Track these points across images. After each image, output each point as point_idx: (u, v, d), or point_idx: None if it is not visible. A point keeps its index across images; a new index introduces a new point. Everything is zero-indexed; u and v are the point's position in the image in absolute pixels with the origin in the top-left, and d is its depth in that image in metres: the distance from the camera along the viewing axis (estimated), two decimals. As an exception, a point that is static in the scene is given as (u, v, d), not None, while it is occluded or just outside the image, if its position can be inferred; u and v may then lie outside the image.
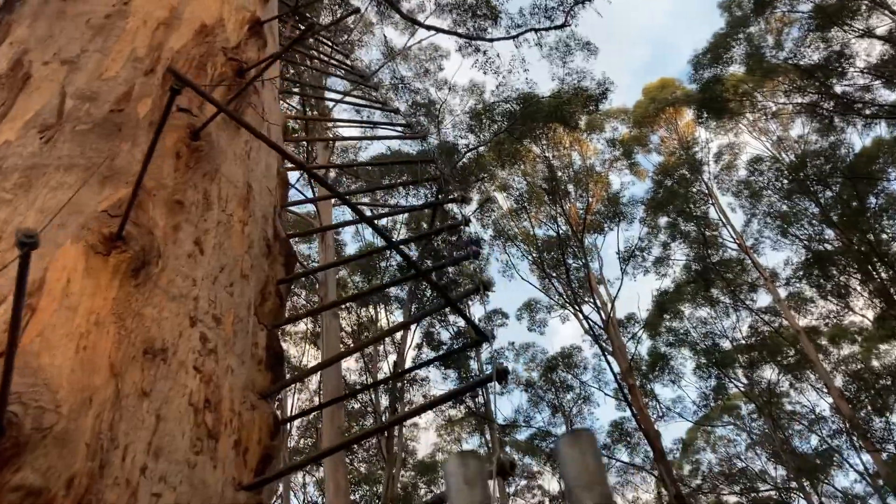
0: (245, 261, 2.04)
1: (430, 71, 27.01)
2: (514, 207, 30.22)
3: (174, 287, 1.72)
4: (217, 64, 2.47)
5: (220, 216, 2.03)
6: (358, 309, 27.78)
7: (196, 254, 1.86)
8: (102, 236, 1.64)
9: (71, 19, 2.40)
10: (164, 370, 1.55)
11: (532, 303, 33.53)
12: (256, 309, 2.05)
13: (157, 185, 1.90)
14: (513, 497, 35.11)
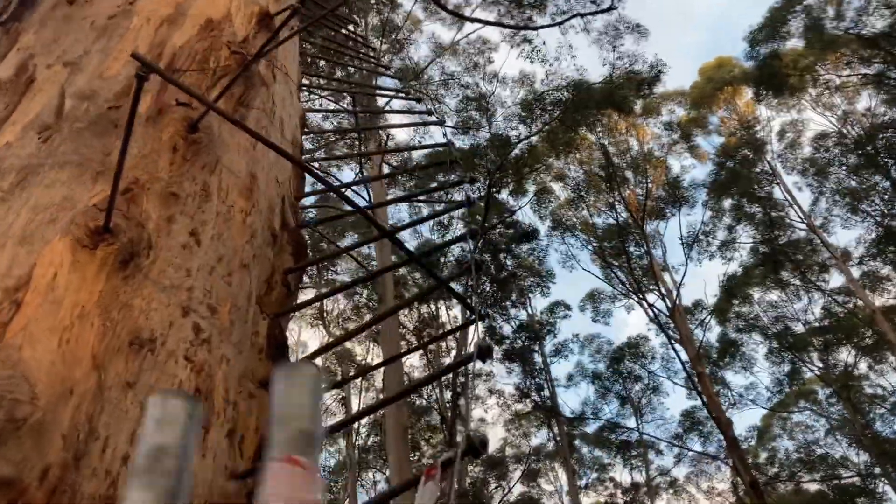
0: (246, 251, 2.02)
1: (479, 64, 26.90)
2: (571, 197, 29.90)
3: (166, 278, 1.72)
4: (220, 57, 2.47)
5: (219, 207, 2.01)
6: (419, 306, 27.88)
7: (192, 245, 1.85)
8: (89, 230, 1.64)
9: (76, 22, 2.42)
10: (150, 361, 1.54)
11: (595, 293, 33.15)
12: (261, 298, 2.03)
13: (152, 179, 1.90)
14: (584, 490, 34.81)
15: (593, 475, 34.39)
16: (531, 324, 30.91)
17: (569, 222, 29.58)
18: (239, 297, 1.90)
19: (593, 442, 31.44)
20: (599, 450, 32.80)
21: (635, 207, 27.39)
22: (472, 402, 27.79)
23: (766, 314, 28.58)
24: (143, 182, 1.87)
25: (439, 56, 26.08)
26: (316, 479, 0.85)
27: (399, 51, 27.47)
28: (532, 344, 29.68)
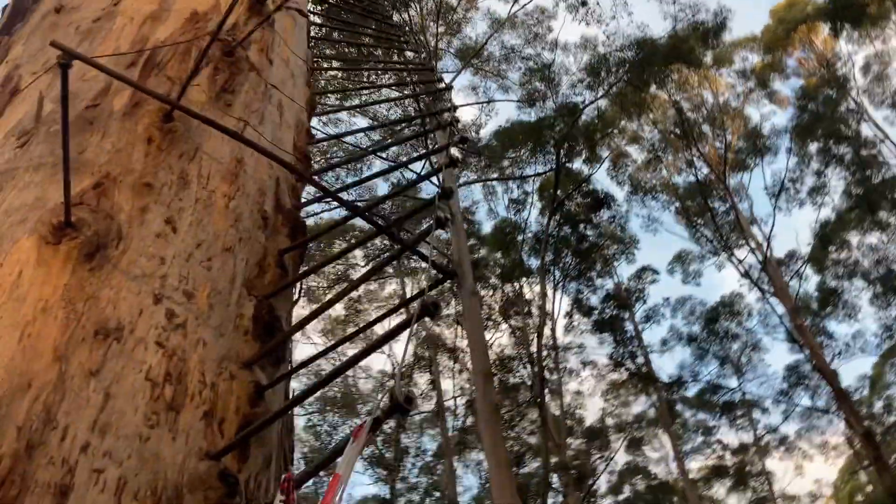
0: (230, 235, 2.01)
1: (540, 35, 26.47)
2: (648, 159, 29.16)
3: (136, 267, 1.72)
4: (202, 46, 2.47)
5: (199, 193, 2.01)
6: (503, 283, 27.78)
7: (167, 233, 1.85)
8: (52, 226, 1.66)
9: (62, 29, 2.46)
10: (116, 349, 1.55)
11: (682, 254, 32.32)
12: (252, 281, 2.03)
13: (125, 171, 1.91)
14: (690, 455, 34.16)
15: (699, 439, 33.66)
16: (619, 292, 30.41)
17: (648, 185, 28.88)
18: (220, 280, 1.89)
19: (695, 405, 30.75)
20: (702, 413, 32.07)
21: (716, 162, 26.51)
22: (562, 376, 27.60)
23: (866, 258, 27.25)
24: (114, 175, 1.88)
25: (497, 31, 25.77)
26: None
27: (457, 31, 27.32)
28: (621, 312, 29.21)
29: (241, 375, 1.76)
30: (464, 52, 26.52)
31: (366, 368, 32.71)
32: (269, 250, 2.18)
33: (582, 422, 33.91)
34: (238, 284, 1.95)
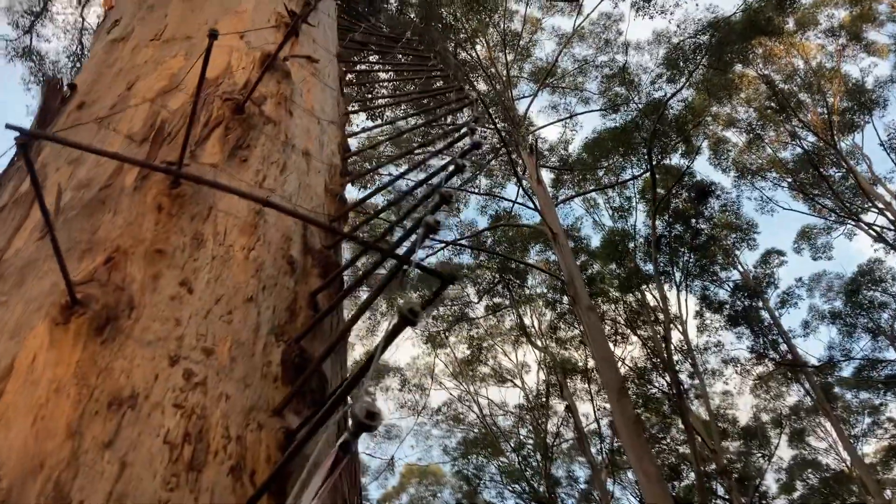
0: (251, 285, 1.99)
1: (610, 40, 26.12)
2: (748, 139, 28.01)
3: (150, 333, 1.71)
4: (213, 109, 2.50)
5: (215, 251, 2.00)
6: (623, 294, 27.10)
7: (182, 294, 1.84)
8: (61, 307, 1.67)
9: (84, 122, 2.55)
10: (130, 417, 1.52)
11: (806, 230, 30.74)
12: (282, 327, 1.99)
13: (136, 242, 1.92)
14: (862, 438, 32.03)
15: (867, 420, 31.48)
16: (747, 281, 29.12)
17: (754, 166, 27.70)
18: (242, 332, 1.86)
19: (854, 385, 28.82)
20: (864, 392, 30.01)
21: (821, 128, 25.17)
22: (704, 378, 26.51)
23: None
24: (125, 248, 1.89)
25: (566, 46, 25.60)
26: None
27: (527, 56, 27.30)
28: (754, 301, 27.89)
29: (270, 423, 1.71)
30: (537, 73, 26.45)
31: (502, 405, 32.50)
32: (300, 294, 2.14)
33: (736, 422, 32.36)
34: (264, 332, 1.91)
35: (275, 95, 2.83)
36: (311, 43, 3.54)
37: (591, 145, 25.12)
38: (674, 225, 25.69)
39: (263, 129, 2.58)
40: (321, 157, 2.89)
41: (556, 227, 19.86)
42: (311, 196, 2.60)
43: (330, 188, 2.80)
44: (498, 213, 25.93)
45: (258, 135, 2.53)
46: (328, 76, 3.56)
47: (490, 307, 27.83)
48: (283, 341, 1.95)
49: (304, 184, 2.61)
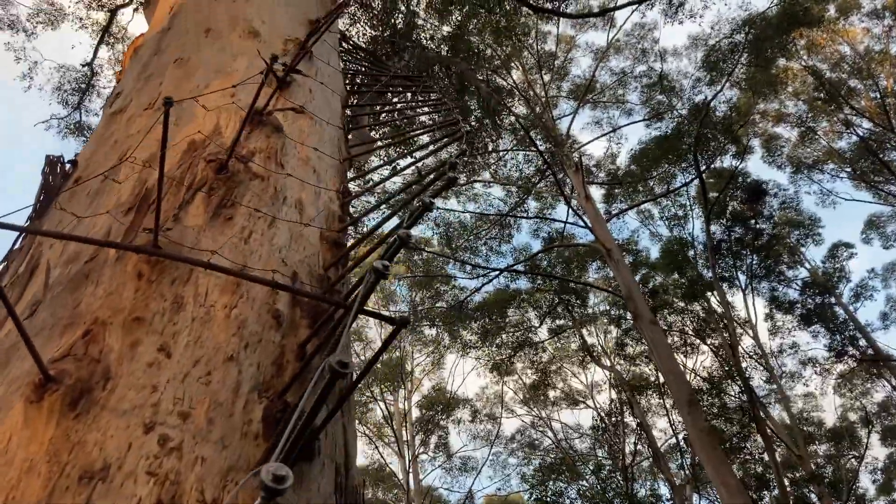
0: (231, 344, 2.00)
1: (646, 49, 25.89)
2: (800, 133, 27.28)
3: (125, 402, 1.73)
4: (197, 171, 2.54)
5: (195, 312, 2.02)
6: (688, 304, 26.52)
7: (160, 360, 1.85)
8: (34, 385, 1.70)
9: (78, 197, 2.63)
10: (101, 489, 1.53)
11: (873, 219, 29.71)
12: (268, 382, 1.99)
13: (115, 312, 1.95)
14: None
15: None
16: (816, 278, 28.19)
17: (809, 159, 26.95)
18: (221, 393, 1.86)
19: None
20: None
21: (875, 113, 24.36)
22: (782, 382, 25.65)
23: None
24: (104, 319, 1.92)
25: (602, 61, 25.47)
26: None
27: (564, 75, 27.23)
28: (826, 297, 26.96)
29: (249, 482, 1.70)
30: (576, 91, 26.35)
31: (577, 427, 31.96)
32: (287, 347, 2.14)
33: (822, 425, 31.19)
34: (245, 390, 1.91)
35: (264, 150, 2.87)
36: (306, 93, 3.58)
37: (639, 156, 24.80)
38: (732, 228, 25.10)
39: (250, 186, 2.61)
40: (317, 204, 2.91)
41: (610, 242, 19.60)
42: (303, 246, 2.61)
43: (326, 235, 2.80)
44: (550, 234, 25.75)
45: (244, 191, 2.56)
46: (326, 123, 3.59)
47: (553, 330, 27.52)
48: (266, 397, 1.95)
49: (296, 234, 2.62)
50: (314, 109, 3.53)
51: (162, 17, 4.24)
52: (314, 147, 3.24)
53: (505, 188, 24.94)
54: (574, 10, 22.41)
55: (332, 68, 4.38)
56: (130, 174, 2.59)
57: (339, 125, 3.86)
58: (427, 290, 26.90)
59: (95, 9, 16.29)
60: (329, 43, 4.68)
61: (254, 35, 3.75)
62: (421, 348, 30.92)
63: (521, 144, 23.21)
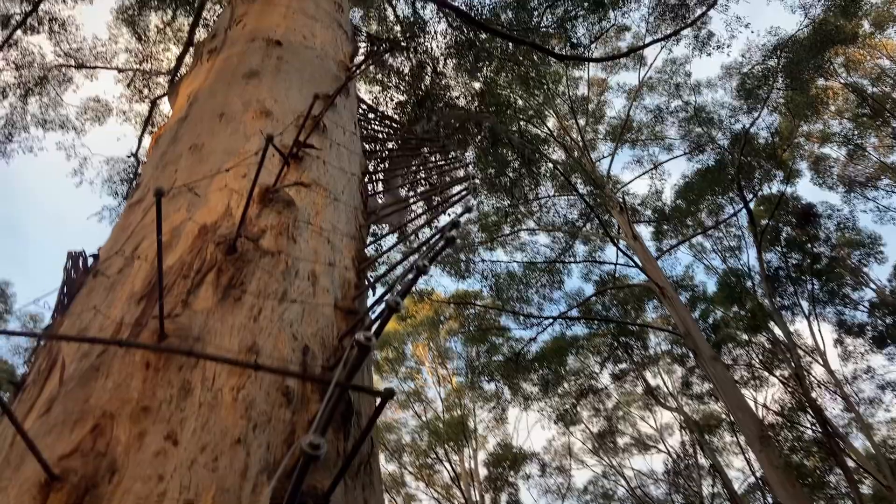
0: (239, 426, 1.99)
1: (680, 84, 25.83)
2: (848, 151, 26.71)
3: (130, 495, 1.72)
4: (206, 255, 2.58)
5: (202, 397, 2.02)
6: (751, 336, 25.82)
7: (167, 448, 1.85)
8: (39, 486, 1.72)
9: (97, 290, 2.68)
10: (101, 589, 1.53)
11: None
12: (278, 462, 1.97)
13: (123, 404, 1.96)
14: None
15: None
16: (884, 297, 27.24)
17: (861, 177, 26.30)
18: (228, 477, 1.85)
19: None
20: None
21: (929, 119, 23.76)
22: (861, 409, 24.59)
23: None
24: (112, 412, 1.94)
25: (636, 100, 25.46)
26: None
27: (600, 117, 27.29)
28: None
29: (255, 570, 1.68)
30: (613, 132, 26.34)
31: (650, 473, 31.05)
32: (298, 423, 2.12)
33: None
34: (253, 473, 1.89)
35: (275, 227, 2.90)
36: (320, 165, 3.64)
37: (683, 190, 24.55)
38: (789, 255, 24.50)
39: (259, 263, 2.63)
40: (331, 275, 2.92)
41: (662, 281, 19.30)
42: (316, 318, 2.61)
43: (341, 305, 2.81)
44: (602, 276, 25.47)
45: (254, 269, 2.59)
46: (343, 192, 3.64)
47: (615, 374, 27.00)
48: (275, 477, 1.93)
49: (308, 307, 2.63)
50: (328, 180, 3.57)
51: (181, 106, 4.38)
52: (328, 218, 3.27)
53: (550, 234, 24.86)
54: (602, 54, 22.54)
55: (350, 135, 4.45)
56: (143, 264, 2.65)
57: (356, 192, 3.90)
58: (482, 344, 26.74)
59: (138, 101, 16.99)
60: (347, 110, 4.77)
61: (266, 115, 3.84)
62: (482, 404, 30.58)
63: (563, 190, 23.17)
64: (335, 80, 4.90)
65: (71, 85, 18.03)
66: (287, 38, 4.96)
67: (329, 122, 4.19)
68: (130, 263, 2.69)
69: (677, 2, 17.39)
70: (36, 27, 16.28)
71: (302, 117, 4.03)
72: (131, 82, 17.57)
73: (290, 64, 4.60)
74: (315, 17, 5.59)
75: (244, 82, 4.24)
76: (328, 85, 4.76)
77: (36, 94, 17.12)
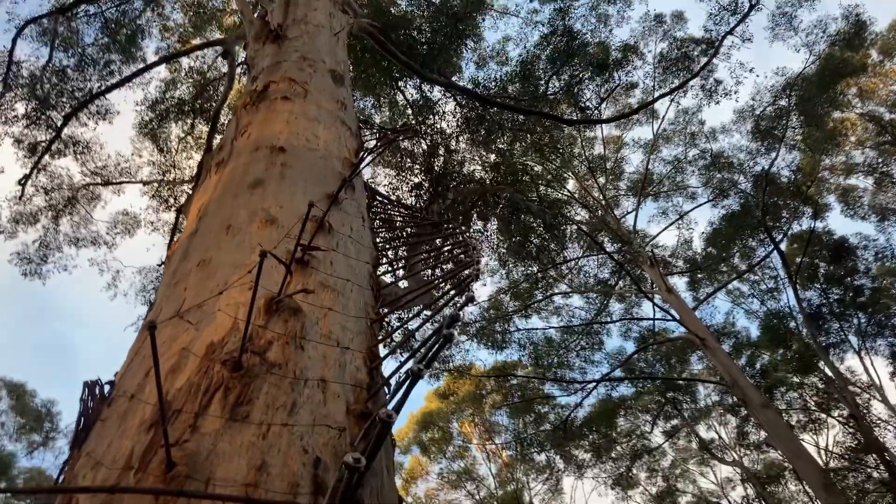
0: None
1: (696, 133, 25.92)
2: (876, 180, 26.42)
3: None
4: (213, 374, 2.60)
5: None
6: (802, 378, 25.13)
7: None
8: None
9: (112, 420, 2.71)
10: None
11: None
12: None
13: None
14: None
15: None
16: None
17: (892, 205, 25.91)
18: None
19: None
20: None
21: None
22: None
23: None
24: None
25: (653, 153, 25.56)
26: None
27: (618, 176, 27.39)
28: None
29: None
30: (634, 187, 26.37)
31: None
32: (311, 543, 2.10)
33: None
34: None
35: (283, 336, 2.92)
36: (327, 266, 3.68)
37: (712, 238, 24.35)
38: (829, 291, 24.02)
39: (267, 377, 2.64)
40: (342, 379, 2.92)
41: (702, 331, 18.98)
42: (328, 427, 2.60)
43: (353, 408, 2.79)
44: (641, 332, 25.11)
45: (261, 384, 2.60)
46: (352, 290, 3.66)
47: (667, 432, 26.33)
48: None
49: (319, 417, 2.62)
50: (336, 281, 3.61)
51: (192, 221, 4.48)
52: (337, 319, 3.29)
53: (584, 295, 24.68)
54: (613, 112, 22.78)
55: (358, 230, 4.50)
56: (154, 389, 2.67)
57: (367, 286, 3.93)
58: (528, 415, 26.31)
59: (164, 210, 17.45)
60: (354, 205, 4.83)
61: (271, 223, 3.91)
62: (535, 476, 29.90)
63: (591, 250, 23.12)
64: (339, 177, 4.99)
65: (99, 202, 18.67)
66: (290, 143, 5.08)
67: (335, 220, 4.25)
68: (142, 390, 2.72)
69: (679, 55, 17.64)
70: (62, 150, 16.96)
71: (308, 220, 4.10)
72: (156, 193, 18.11)
73: (294, 168, 4.71)
74: (317, 119, 5.73)
75: (249, 192, 4.33)
76: (333, 183, 4.85)
77: (66, 214, 17.71)
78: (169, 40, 18.81)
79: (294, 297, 3.21)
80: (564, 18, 18.08)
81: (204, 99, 18.27)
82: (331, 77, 6.92)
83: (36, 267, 18.06)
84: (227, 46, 13.89)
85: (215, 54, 18.00)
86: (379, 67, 16.20)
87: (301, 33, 7.87)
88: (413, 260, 6.10)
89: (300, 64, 6.83)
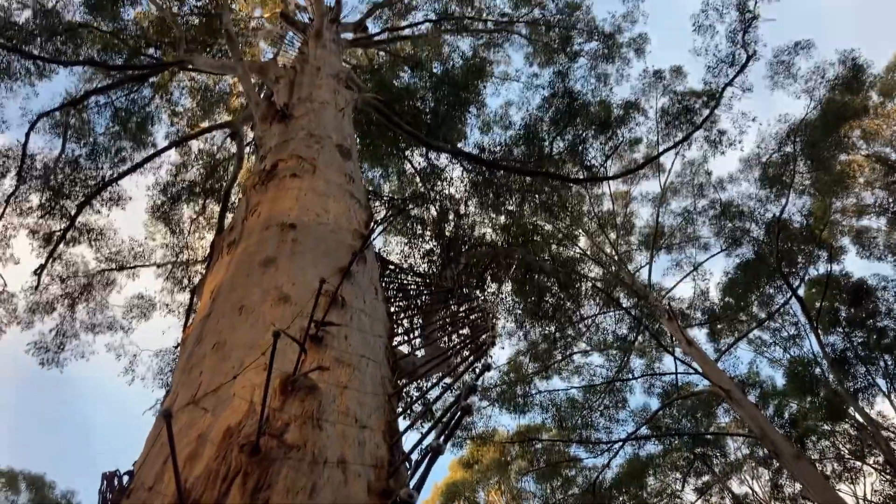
0: None
1: (704, 184, 26.01)
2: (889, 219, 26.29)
3: None
4: (231, 460, 2.55)
5: None
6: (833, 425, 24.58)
7: None
8: None
9: (129, 513, 2.66)
10: None
11: None
12: None
13: None
14: None
15: None
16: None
17: (904, 244, 25.74)
18: None
19: None
20: None
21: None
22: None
23: None
24: None
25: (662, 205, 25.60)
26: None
27: (629, 230, 27.43)
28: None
29: None
30: (646, 240, 26.35)
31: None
32: None
33: None
34: None
35: (300, 416, 2.88)
36: (341, 341, 3.65)
37: (728, 287, 24.18)
38: (852, 334, 23.68)
39: (285, 461, 2.59)
40: (361, 457, 2.86)
41: (726, 383, 18.67)
42: (348, 492, 2.54)
43: (374, 487, 2.73)
44: (664, 387, 24.72)
45: (280, 467, 2.55)
46: (368, 365, 3.62)
47: (699, 489, 25.66)
48: None
49: (340, 497, 2.56)
50: (351, 356, 3.57)
51: (205, 303, 4.48)
52: (354, 396, 3.24)
53: (604, 353, 24.42)
54: (619, 168, 22.93)
55: (371, 302, 4.49)
56: (172, 478, 2.62)
57: (383, 359, 3.89)
58: (555, 479, 25.76)
59: (179, 291, 17.53)
60: (366, 277, 4.83)
61: (284, 301, 3.90)
62: (567, 543, 29.07)
63: (607, 306, 22.96)
64: (350, 249, 5.00)
65: (114, 287, 18.81)
66: (300, 219, 5.11)
67: (347, 293, 4.23)
68: (160, 479, 2.67)
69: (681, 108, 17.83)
70: (77, 238, 17.20)
71: (321, 296, 4.09)
72: (170, 275, 18.25)
73: (305, 244, 4.72)
74: (326, 194, 5.78)
75: (262, 271, 4.34)
76: (344, 256, 4.85)
77: (82, 301, 17.84)
78: (178, 125, 19.21)
79: (310, 376, 3.18)
80: (564, 80, 18.38)
81: (214, 179, 18.56)
82: (338, 152, 7.01)
83: (53, 356, 18.09)
84: (234, 128, 14.18)
85: (224, 135, 18.36)
86: (385, 138, 16.45)
87: (307, 111, 8.00)
88: (429, 328, 6.06)
89: (307, 141, 6.93)
